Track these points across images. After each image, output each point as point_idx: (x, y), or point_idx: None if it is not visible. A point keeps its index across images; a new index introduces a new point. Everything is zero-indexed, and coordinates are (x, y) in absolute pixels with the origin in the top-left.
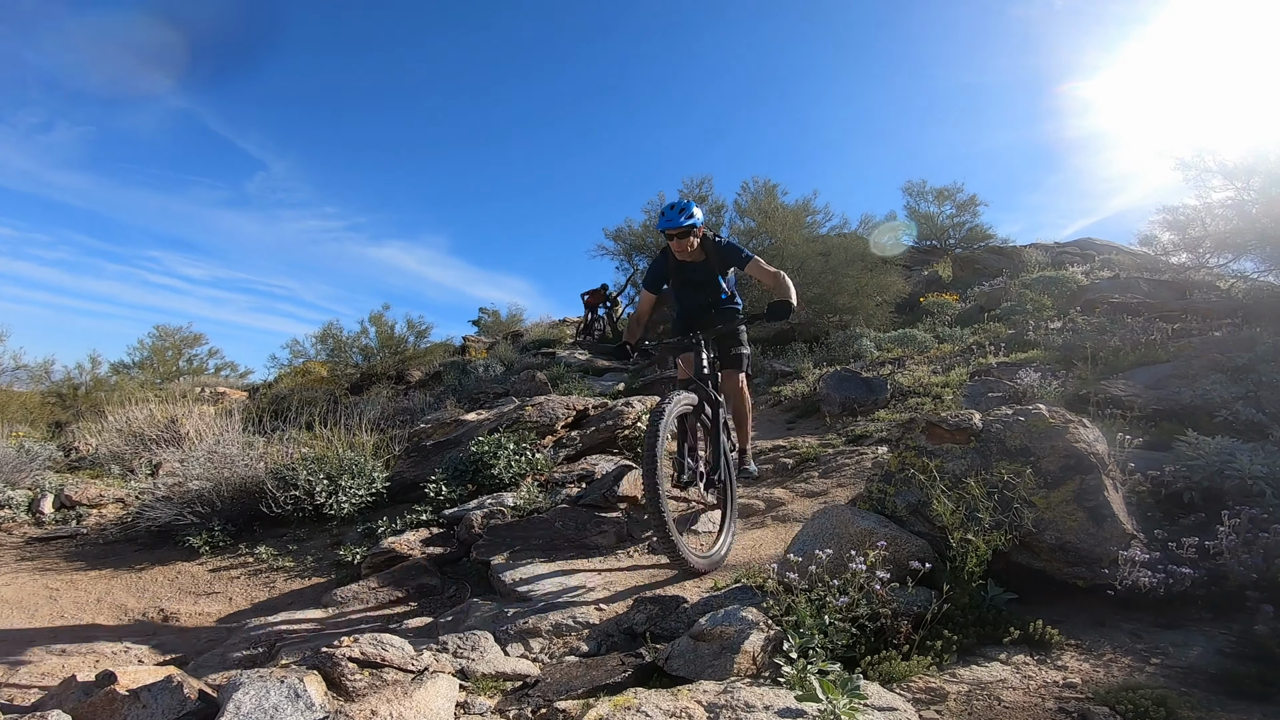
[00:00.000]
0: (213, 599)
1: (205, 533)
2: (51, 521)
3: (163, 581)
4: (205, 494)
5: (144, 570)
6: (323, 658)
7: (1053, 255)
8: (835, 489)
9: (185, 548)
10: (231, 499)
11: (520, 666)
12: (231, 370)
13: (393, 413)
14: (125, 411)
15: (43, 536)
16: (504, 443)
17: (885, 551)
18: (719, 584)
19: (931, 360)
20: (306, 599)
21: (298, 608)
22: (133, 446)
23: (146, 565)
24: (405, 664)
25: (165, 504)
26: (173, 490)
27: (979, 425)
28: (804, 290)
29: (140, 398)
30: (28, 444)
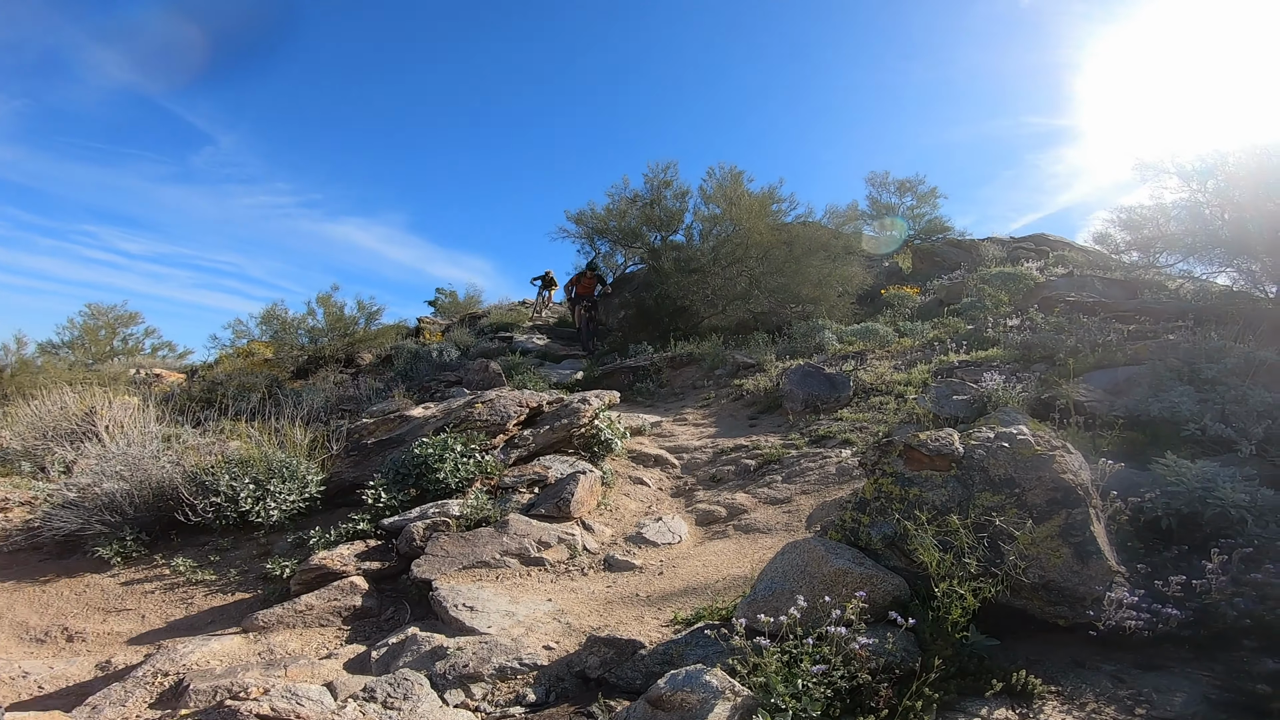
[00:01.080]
0: (123, 616)
1: (116, 542)
2: None
3: (69, 596)
4: (116, 500)
5: (49, 583)
6: (226, 714)
7: (1008, 250)
8: (799, 495)
9: (95, 558)
10: (146, 505)
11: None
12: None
13: (337, 402)
14: (36, 404)
15: None
16: (451, 444)
17: (863, 603)
18: (679, 615)
19: (893, 355)
20: (228, 617)
21: (218, 627)
22: (45, 442)
23: (52, 577)
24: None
25: (73, 510)
26: (83, 494)
27: (960, 450)
28: (767, 279)
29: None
30: None
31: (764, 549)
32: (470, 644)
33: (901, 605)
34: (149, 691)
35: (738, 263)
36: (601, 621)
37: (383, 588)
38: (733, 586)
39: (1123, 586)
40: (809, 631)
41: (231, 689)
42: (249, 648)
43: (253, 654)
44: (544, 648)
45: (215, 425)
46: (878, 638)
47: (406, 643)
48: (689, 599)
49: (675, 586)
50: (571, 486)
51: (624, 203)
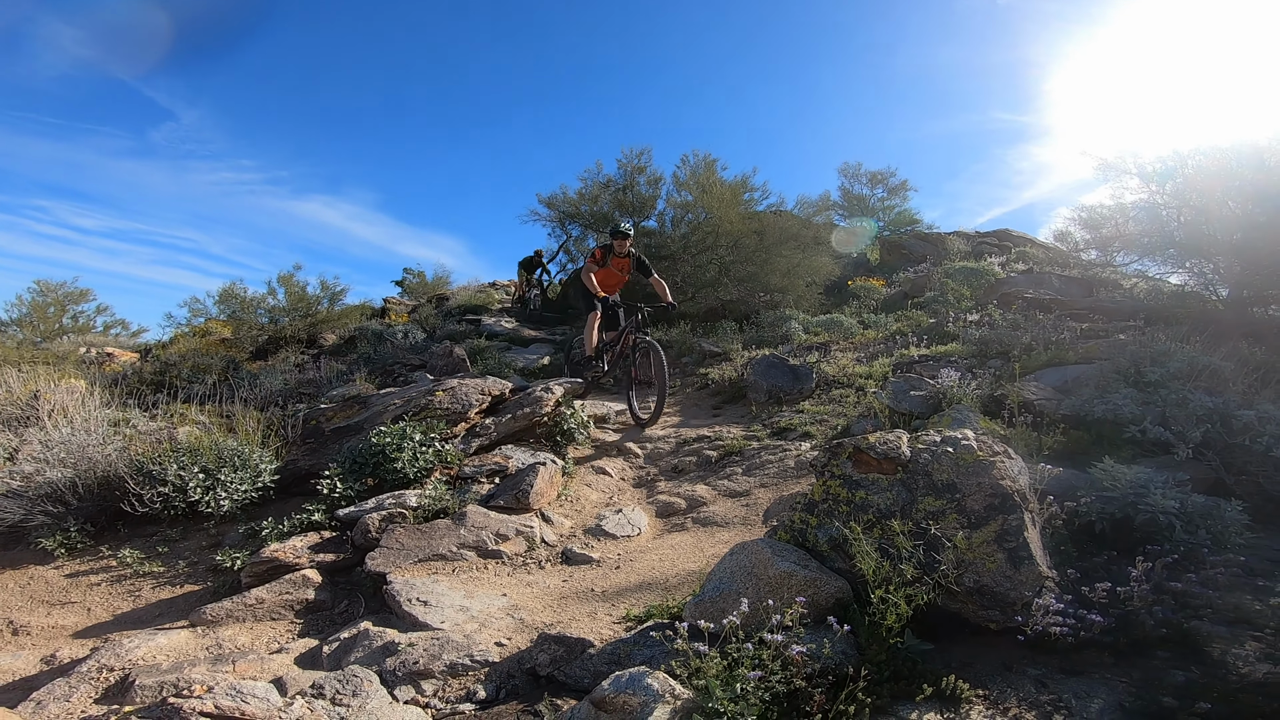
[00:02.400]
0: (69, 609)
1: (60, 534)
2: None
3: (13, 588)
4: (59, 490)
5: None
6: (168, 711)
7: (973, 244)
8: (758, 489)
9: (38, 550)
10: (91, 495)
11: (409, 717)
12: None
13: (296, 385)
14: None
15: None
16: (410, 433)
17: (803, 608)
18: (631, 613)
19: (857, 347)
20: (177, 610)
21: (166, 620)
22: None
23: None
24: (270, 717)
25: (15, 500)
26: (27, 482)
27: (907, 454)
28: (737, 268)
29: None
30: None
31: (720, 543)
32: (422, 640)
33: (844, 608)
34: (94, 687)
35: (708, 250)
36: (555, 618)
37: (337, 580)
38: (686, 582)
39: (1051, 593)
40: (751, 635)
41: (177, 685)
42: (197, 642)
43: (200, 648)
44: (496, 644)
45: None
46: (815, 642)
47: (359, 638)
48: (643, 595)
49: (631, 581)
50: (531, 478)
51: (596, 187)
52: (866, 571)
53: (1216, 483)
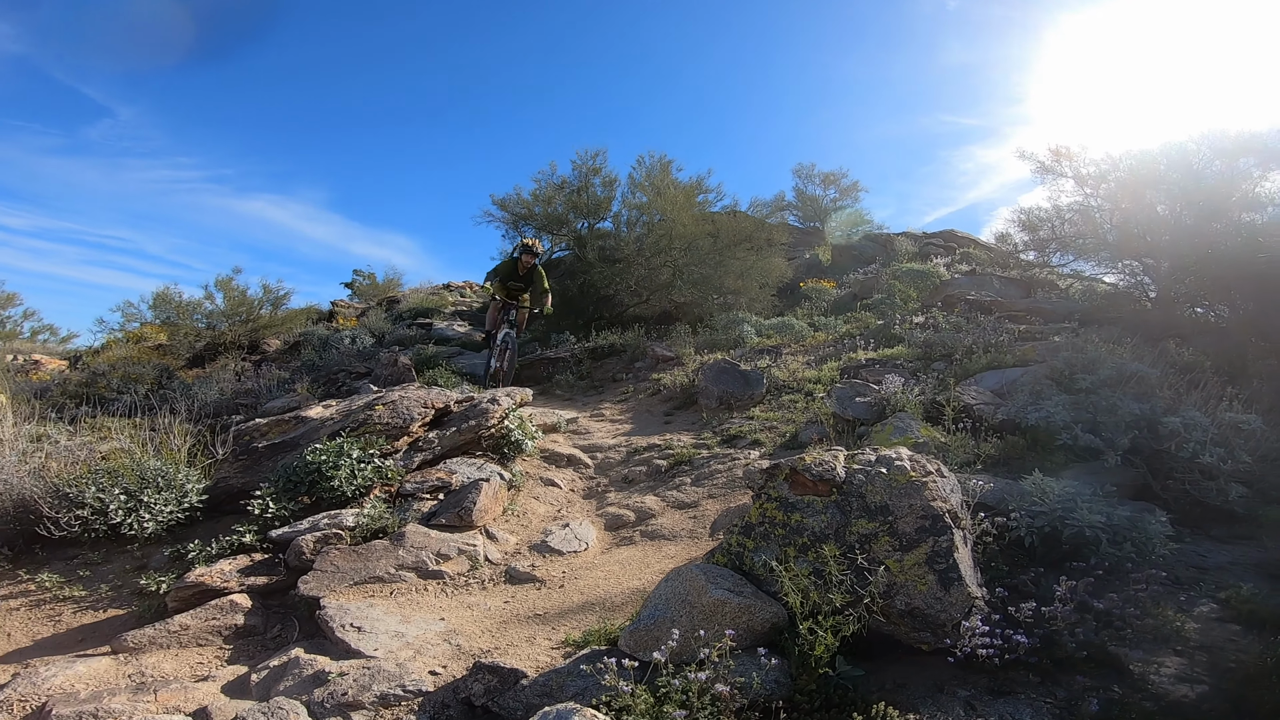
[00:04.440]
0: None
1: None
2: None
3: None
4: None
5: None
6: None
7: (920, 245)
8: (706, 500)
9: None
10: (5, 517)
11: None
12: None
13: (233, 396)
14: None
15: None
16: (347, 449)
17: (733, 641)
18: (570, 637)
19: (808, 350)
20: (100, 635)
21: (89, 645)
22: None
23: None
24: None
25: None
26: None
27: (841, 475)
28: (691, 270)
29: None
30: None
31: (666, 557)
32: (354, 668)
33: (780, 632)
34: (9, 717)
35: (662, 253)
36: (493, 643)
37: (270, 604)
38: (630, 601)
39: (979, 614)
40: (680, 669)
41: (96, 715)
42: (119, 669)
43: (122, 676)
44: (430, 673)
45: (92, 423)
46: (746, 675)
47: (289, 665)
48: (585, 616)
49: (573, 601)
50: (474, 494)
51: (551, 189)
52: (794, 605)
53: (1144, 488)
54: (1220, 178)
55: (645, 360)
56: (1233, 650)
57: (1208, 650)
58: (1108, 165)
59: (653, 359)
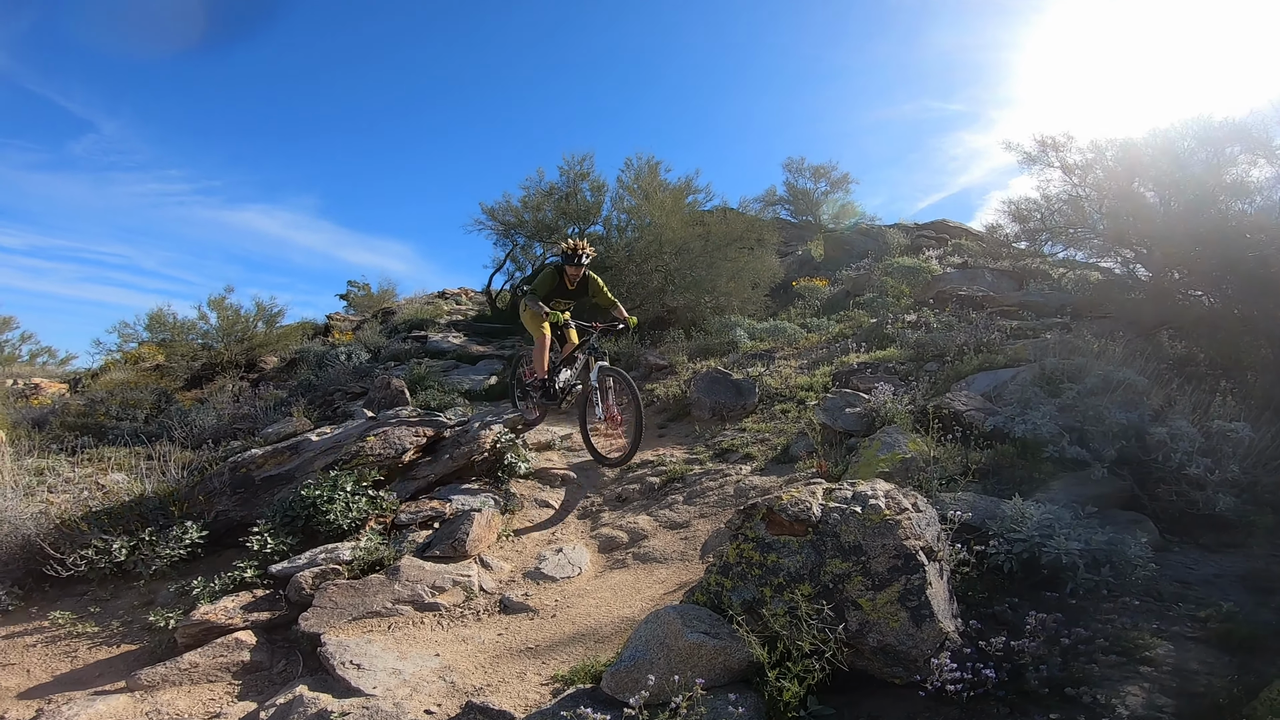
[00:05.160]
0: (9, 671)
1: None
2: None
3: None
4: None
5: None
6: None
7: (913, 237)
8: (697, 519)
9: None
10: (13, 558)
11: None
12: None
13: (231, 421)
14: None
15: None
16: (341, 482)
17: (703, 689)
18: (559, 672)
19: (801, 353)
20: (115, 670)
21: (106, 680)
22: None
23: None
24: None
25: None
26: None
27: (817, 515)
28: (684, 274)
29: None
30: None
31: (657, 582)
32: (355, 707)
33: (758, 671)
34: None
35: (653, 258)
36: (485, 679)
37: (275, 638)
38: (619, 631)
39: (950, 649)
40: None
41: None
42: (136, 707)
43: (139, 714)
44: (426, 712)
45: (93, 454)
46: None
47: (294, 703)
48: (574, 648)
49: (565, 632)
50: (466, 525)
51: (540, 195)
52: (759, 657)
53: (1132, 498)
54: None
55: (639, 369)
56: (1204, 675)
57: (1180, 675)
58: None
59: (646, 368)
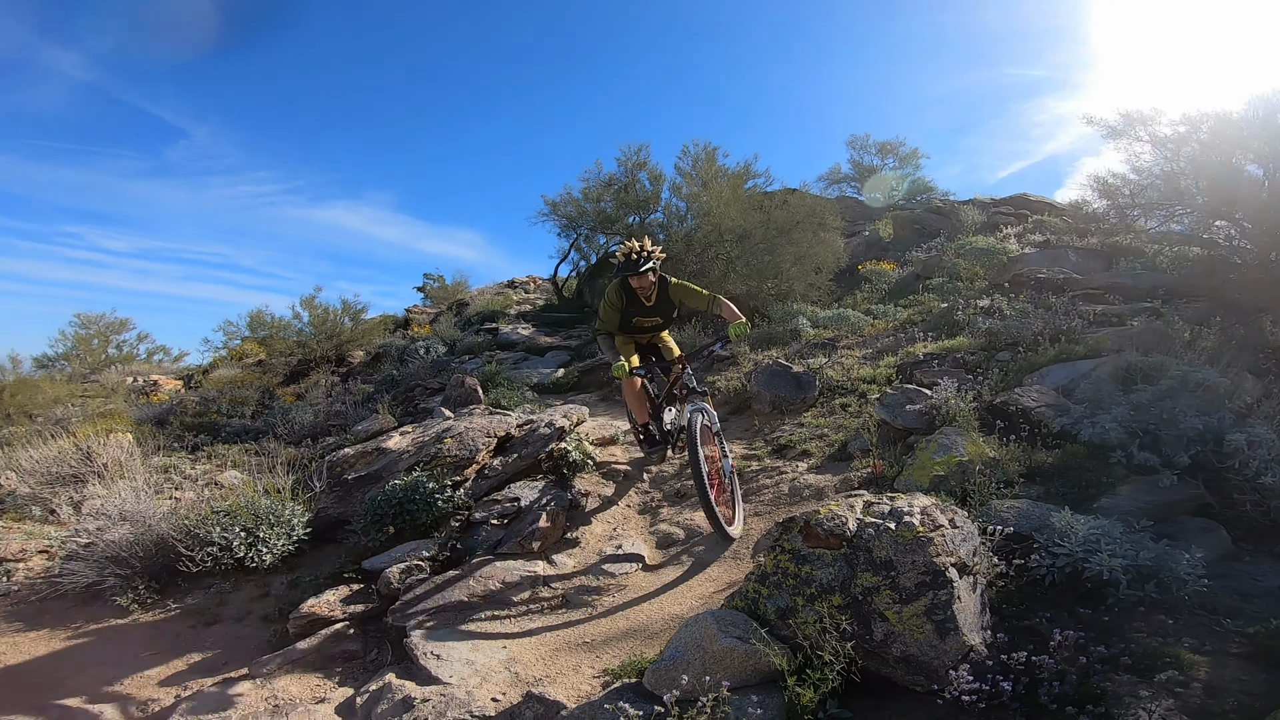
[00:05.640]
0: (151, 660)
1: (131, 591)
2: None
3: (101, 642)
4: (122, 553)
5: (79, 629)
6: None
7: (989, 214)
8: (753, 518)
9: (115, 605)
10: (149, 555)
11: None
12: (164, 354)
13: (325, 417)
14: (36, 450)
15: None
16: (422, 482)
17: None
18: (610, 667)
19: (865, 342)
20: (239, 658)
21: (231, 667)
22: (51, 486)
23: (81, 623)
24: None
25: (84, 563)
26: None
27: (852, 530)
28: (745, 261)
29: (66, 394)
30: None
31: (708, 579)
32: (434, 694)
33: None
34: None
35: (713, 245)
36: (545, 671)
37: (367, 629)
38: (667, 629)
39: (969, 663)
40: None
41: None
42: (257, 693)
43: (260, 699)
44: (492, 699)
45: (210, 450)
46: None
47: (383, 690)
48: (625, 644)
49: (619, 628)
50: (534, 522)
51: (599, 186)
52: (779, 665)
53: (1205, 506)
54: None
55: (701, 361)
56: (1235, 693)
57: (1208, 693)
58: (1187, 128)
59: (707, 358)
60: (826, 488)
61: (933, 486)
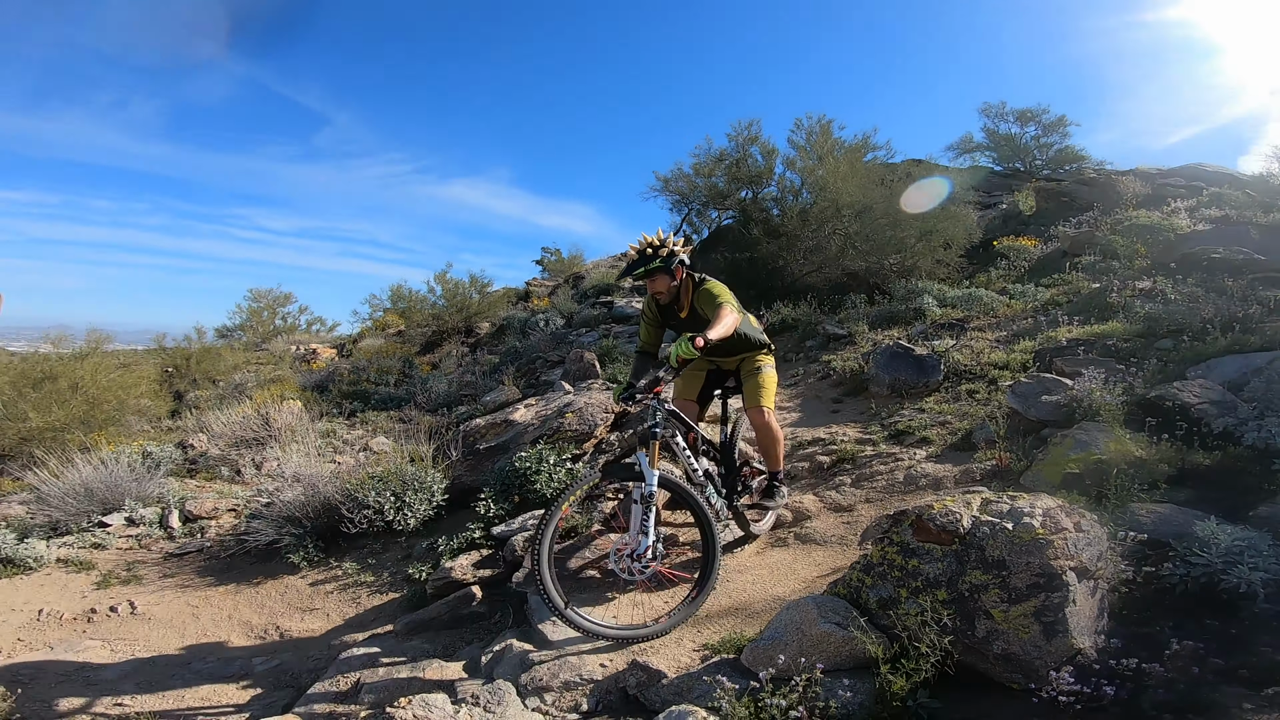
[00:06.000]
0: (314, 615)
1: (301, 549)
2: (181, 535)
3: (275, 597)
4: (295, 513)
5: (260, 585)
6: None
7: (1154, 185)
8: (862, 504)
9: (288, 563)
10: (317, 516)
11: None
12: (321, 325)
13: (458, 387)
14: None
15: (176, 551)
16: (545, 455)
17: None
18: (710, 641)
19: (998, 324)
20: (385, 615)
21: (379, 624)
22: (236, 448)
23: (261, 579)
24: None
25: (264, 521)
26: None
27: (966, 527)
28: (866, 237)
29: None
30: (150, 448)
31: (814, 564)
32: (549, 657)
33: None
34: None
35: (830, 221)
36: (649, 642)
37: (493, 593)
38: (768, 609)
39: (1077, 663)
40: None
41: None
42: (399, 646)
43: (401, 653)
44: (600, 665)
45: (363, 417)
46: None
47: (505, 652)
48: (726, 621)
49: (720, 605)
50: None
51: (710, 162)
52: (874, 653)
53: None
54: None
55: (816, 338)
56: None
57: None
58: None
59: (823, 337)
60: (945, 478)
61: (1063, 485)
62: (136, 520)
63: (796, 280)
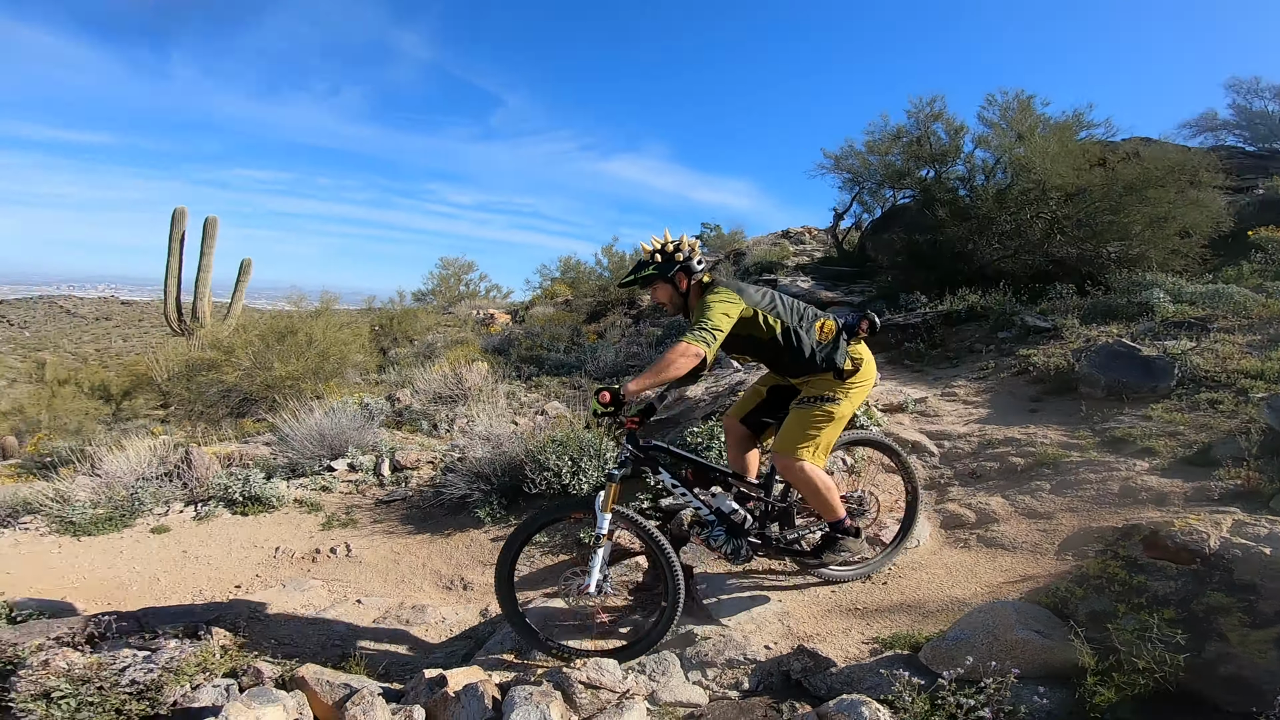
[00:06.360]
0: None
1: (487, 505)
2: (390, 483)
3: (462, 549)
4: (483, 470)
5: (450, 536)
6: (562, 678)
7: None
8: (1064, 513)
9: (475, 517)
10: (502, 474)
11: (693, 695)
12: (497, 291)
13: (625, 357)
14: (424, 372)
15: (385, 499)
16: (716, 432)
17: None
18: (881, 635)
19: (1252, 326)
20: (555, 576)
21: (548, 585)
22: (434, 404)
23: (451, 531)
24: (614, 686)
25: (457, 477)
26: (462, 460)
27: (1213, 548)
28: (1079, 222)
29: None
30: (367, 400)
31: (999, 570)
32: (713, 634)
33: (1078, 674)
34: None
35: (1032, 204)
36: (815, 629)
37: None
38: (945, 610)
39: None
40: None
41: None
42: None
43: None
44: (764, 646)
45: (538, 381)
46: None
47: None
48: (897, 617)
49: (891, 600)
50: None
51: (886, 139)
52: (1086, 663)
53: None
54: None
55: (1011, 330)
56: None
57: None
58: None
59: (1020, 329)
60: (1171, 494)
61: None
62: (357, 466)
63: (988, 266)
